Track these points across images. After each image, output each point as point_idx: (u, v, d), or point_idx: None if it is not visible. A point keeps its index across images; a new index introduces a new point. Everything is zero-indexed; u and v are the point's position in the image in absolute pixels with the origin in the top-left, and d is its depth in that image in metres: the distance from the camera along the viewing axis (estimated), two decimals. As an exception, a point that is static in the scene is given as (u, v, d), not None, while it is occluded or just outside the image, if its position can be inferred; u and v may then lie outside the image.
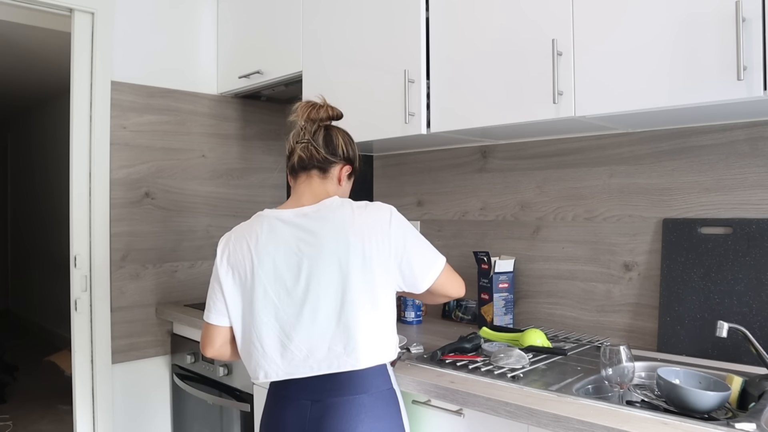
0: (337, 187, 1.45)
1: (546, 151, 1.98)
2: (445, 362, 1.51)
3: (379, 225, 1.32)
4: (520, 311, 2.04)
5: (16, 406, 3.96)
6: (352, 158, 1.48)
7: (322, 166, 1.42)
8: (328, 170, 1.43)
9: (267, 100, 2.77)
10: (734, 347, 1.50)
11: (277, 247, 1.32)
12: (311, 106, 1.44)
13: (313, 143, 1.41)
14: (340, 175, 1.45)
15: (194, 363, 2.26)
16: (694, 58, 1.29)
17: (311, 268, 1.29)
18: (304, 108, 1.44)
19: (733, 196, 1.58)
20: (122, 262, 2.34)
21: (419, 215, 2.39)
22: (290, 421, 1.31)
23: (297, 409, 1.30)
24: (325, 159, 1.42)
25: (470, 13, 1.71)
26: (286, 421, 1.31)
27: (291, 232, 1.32)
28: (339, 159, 1.44)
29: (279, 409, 1.34)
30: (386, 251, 1.31)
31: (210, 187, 2.61)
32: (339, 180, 1.45)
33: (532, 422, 1.19)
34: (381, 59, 1.94)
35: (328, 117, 1.46)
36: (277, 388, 1.36)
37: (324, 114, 1.45)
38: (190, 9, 2.56)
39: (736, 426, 1.05)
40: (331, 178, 1.44)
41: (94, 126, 2.26)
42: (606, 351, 1.30)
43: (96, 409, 2.28)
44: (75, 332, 2.24)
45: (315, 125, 1.44)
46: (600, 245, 1.84)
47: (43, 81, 5.08)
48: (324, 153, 1.41)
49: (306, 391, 1.30)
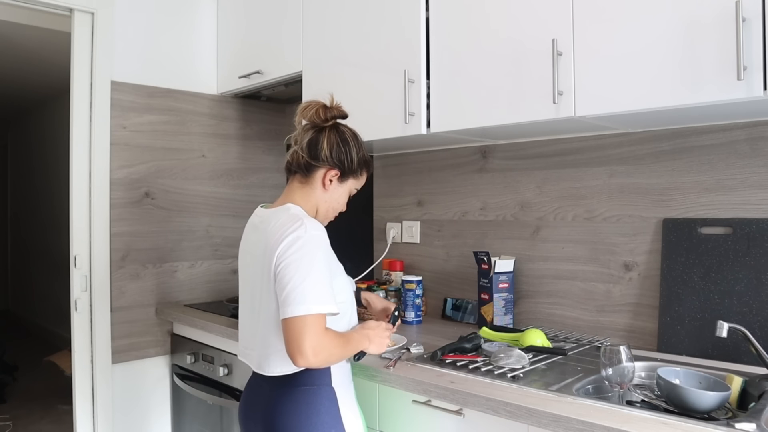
0: (322, 192, 1.43)
1: (546, 151, 1.98)
2: (445, 362, 1.51)
3: (276, 238, 1.30)
4: (520, 311, 2.04)
5: (16, 406, 3.96)
6: (341, 161, 1.42)
7: (303, 171, 1.43)
8: (310, 174, 1.43)
9: (267, 100, 2.77)
10: (734, 347, 1.50)
11: (243, 242, 1.48)
12: (306, 107, 1.43)
13: (299, 148, 1.43)
14: (325, 179, 1.42)
15: (194, 363, 2.26)
16: (694, 58, 1.29)
17: (251, 265, 1.42)
18: (301, 109, 1.44)
19: (733, 196, 1.58)
20: (122, 262, 2.34)
21: (419, 215, 2.39)
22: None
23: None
24: (307, 163, 1.42)
25: (470, 13, 1.71)
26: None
27: (250, 231, 1.46)
28: (323, 163, 1.41)
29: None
30: (271, 265, 1.30)
31: (210, 187, 2.61)
32: (324, 185, 1.43)
33: (532, 422, 1.19)
34: (381, 59, 1.94)
35: (325, 118, 1.42)
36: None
37: (319, 116, 1.42)
38: (190, 9, 2.56)
39: (736, 426, 1.05)
40: (314, 183, 1.43)
41: (94, 126, 2.26)
42: (606, 351, 1.30)
43: (96, 409, 2.28)
44: (75, 332, 2.24)
45: (309, 127, 1.44)
46: (600, 245, 1.84)
47: (43, 81, 5.08)
48: (306, 157, 1.41)
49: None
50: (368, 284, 2.30)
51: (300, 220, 1.31)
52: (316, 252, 1.29)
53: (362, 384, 1.60)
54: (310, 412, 1.33)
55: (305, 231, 1.29)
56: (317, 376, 1.36)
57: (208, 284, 2.59)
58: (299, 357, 1.23)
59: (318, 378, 1.36)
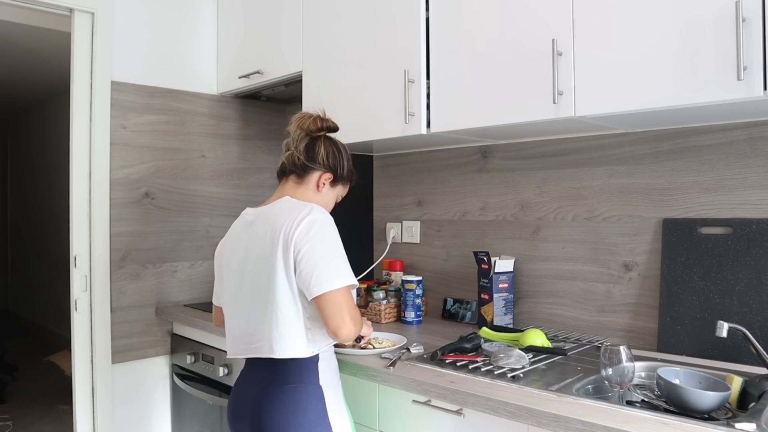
0: (315, 193, 1.51)
1: (546, 151, 1.98)
2: (445, 362, 1.51)
3: (288, 224, 1.35)
4: (520, 311, 2.04)
5: (16, 406, 3.96)
6: (334, 167, 1.52)
7: (299, 172, 1.50)
8: (306, 176, 1.50)
9: (267, 100, 2.77)
10: (734, 347, 1.50)
11: (232, 242, 1.49)
12: (302, 117, 1.52)
13: (296, 151, 1.50)
14: (319, 181, 1.50)
15: (194, 363, 2.26)
16: (694, 58, 1.29)
17: (252, 260, 1.41)
18: (297, 119, 1.52)
19: (733, 196, 1.58)
20: (122, 262, 2.34)
21: (419, 215, 2.39)
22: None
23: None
24: (303, 165, 1.49)
25: (470, 13, 1.71)
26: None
27: (242, 231, 1.47)
28: (318, 166, 1.50)
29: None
30: (287, 250, 1.34)
31: (210, 187, 2.62)
32: (318, 186, 1.51)
33: (532, 422, 1.19)
34: (381, 59, 1.94)
35: (318, 128, 1.51)
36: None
37: (313, 125, 1.50)
38: (190, 9, 2.56)
39: (736, 426, 1.05)
40: (308, 184, 1.51)
41: (94, 126, 2.26)
42: (606, 351, 1.30)
43: (96, 409, 2.28)
44: (75, 332, 2.24)
45: (303, 134, 1.51)
46: (600, 245, 1.84)
47: (43, 81, 5.08)
48: (303, 159, 1.49)
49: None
50: (368, 284, 2.30)
51: (309, 206, 1.38)
52: (334, 231, 1.38)
53: (362, 384, 1.60)
54: (297, 410, 1.34)
55: (319, 213, 1.37)
56: (305, 374, 1.37)
57: (208, 284, 2.59)
58: (343, 328, 1.30)
59: (306, 376, 1.37)
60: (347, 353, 1.63)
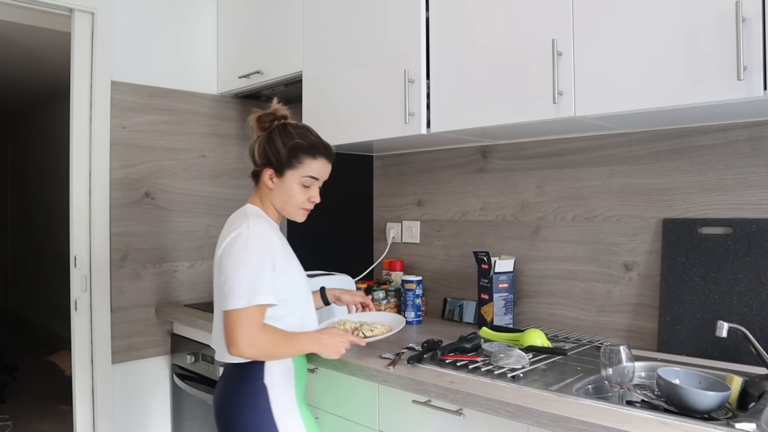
0: (270, 192, 1.51)
1: (546, 151, 1.98)
2: (445, 362, 1.51)
3: (223, 237, 1.42)
4: (520, 311, 2.04)
5: (16, 406, 3.96)
6: (268, 159, 1.48)
7: (252, 176, 1.55)
8: (258, 177, 1.53)
9: (267, 100, 2.76)
10: (734, 347, 1.50)
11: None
12: (248, 121, 1.54)
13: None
14: (265, 179, 1.50)
15: (194, 363, 2.26)
16: (694, 57, 1.29)
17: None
18: (251, 119, 1.53)
19: (733, 196, 1.58)
20: (122, 262, 2.34)
21: (419, 215, 2.39)
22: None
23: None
24: (252, 171, 1.54)
25: (470, 13, 1.71)
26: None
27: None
28: (259, 165, 1.51)
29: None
30: (218, 263, 1.41)
31: (210, 187, 2.61)
32: (268, 185, 1.50)
33: (532, 422, 1.19)
34: (381, 59, 1.94)
35: (265, 125, 1.50)
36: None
37: (258, 126, 1.51)
38: (190, 9, 2.56)
39: (736, 426, 1.05)
40: (261, 184, 1.53)
41: (94, 126, 2.26)
42: (606, 351, 1.30)
43: (96, 409, 2.28)
44: (75, 332, 2.24)
45: (263, 134, 1.52)
46: (600, 245, 1.84)
47: (43, 81, 5.08)
48: (251, 164, 1.54)
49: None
50: (368, 284, 2.30)
51: (245, 219, 1.40)
52: (253, 247, 1.36)
53: (362, 384, 1.60)
54: (244, 406, 1.39)
55: (246, 228, 1.37)
56: (251, 371, 1.41)
57: (208, 284, 2.59)
58: (231, 347, 1.32)
59: (252, 373, 1.41)
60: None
